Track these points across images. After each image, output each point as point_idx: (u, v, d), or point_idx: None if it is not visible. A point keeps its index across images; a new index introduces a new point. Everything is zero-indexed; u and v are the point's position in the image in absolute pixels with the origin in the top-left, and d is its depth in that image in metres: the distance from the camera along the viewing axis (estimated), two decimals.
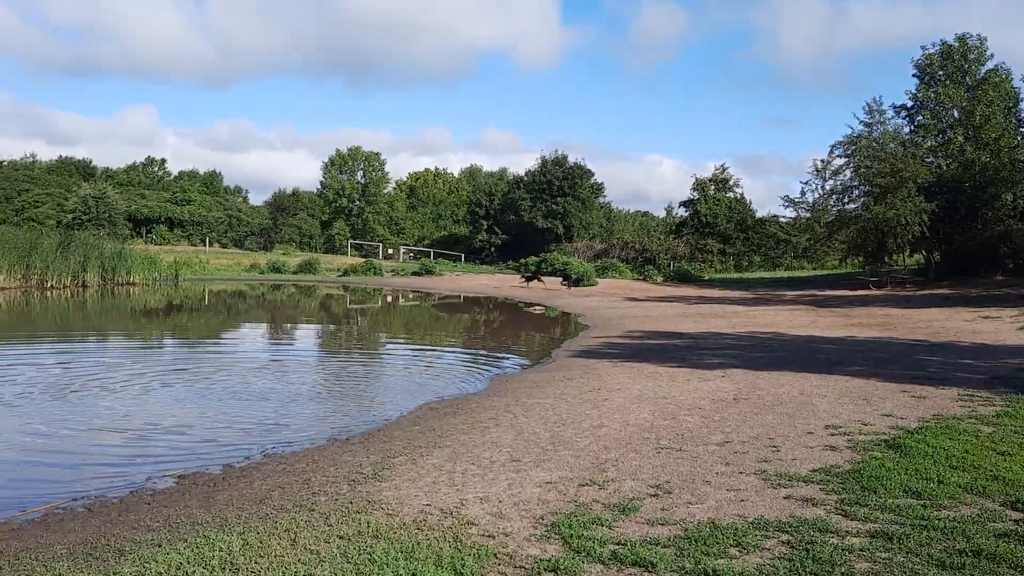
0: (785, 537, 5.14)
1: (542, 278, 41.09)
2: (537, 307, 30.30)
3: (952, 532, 5.15)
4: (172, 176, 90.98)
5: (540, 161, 65.37)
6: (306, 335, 22.86)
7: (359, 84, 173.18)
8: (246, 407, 10.89)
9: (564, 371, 14.17)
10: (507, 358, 17.03)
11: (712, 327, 21.65)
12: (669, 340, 18.61)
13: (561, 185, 63.31)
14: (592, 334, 21.08)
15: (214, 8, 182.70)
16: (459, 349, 19.40)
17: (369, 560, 4.74)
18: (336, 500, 6.13)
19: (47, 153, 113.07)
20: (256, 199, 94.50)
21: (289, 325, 25.49)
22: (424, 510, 5.81)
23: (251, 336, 22.10)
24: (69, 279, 34.61)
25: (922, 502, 5.83)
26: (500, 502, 6.02)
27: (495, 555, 4.87)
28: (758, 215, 63.87)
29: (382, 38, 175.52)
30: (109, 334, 21.59)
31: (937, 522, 5.34)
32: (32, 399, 11.14)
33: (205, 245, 61.92)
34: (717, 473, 6.77)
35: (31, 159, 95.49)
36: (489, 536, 5.25)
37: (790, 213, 44.13)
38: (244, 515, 5.81)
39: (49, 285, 33.36)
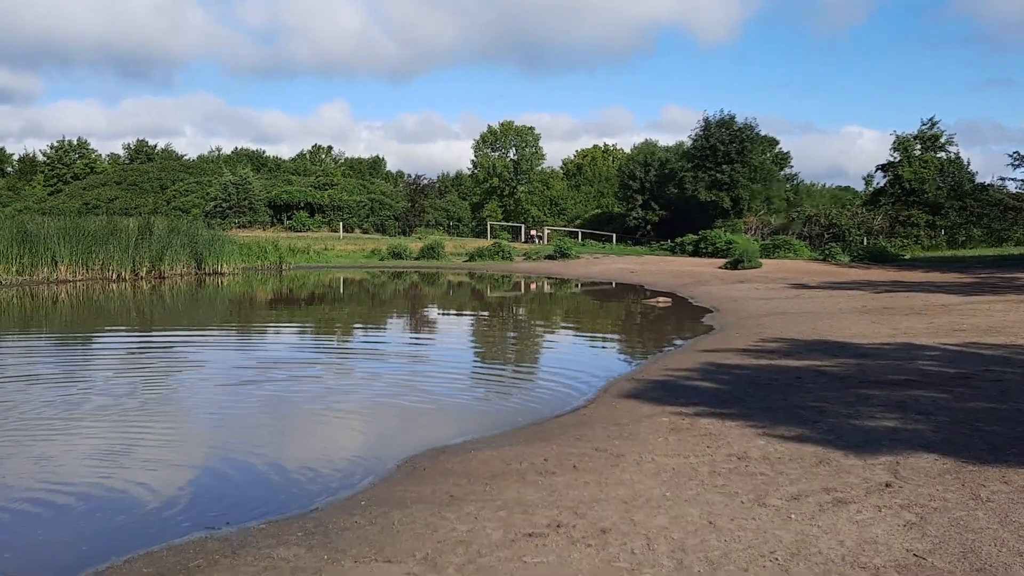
0: None
1: None
2: (663, 299, 23.02)
3: None
4: (339, 162, 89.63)
5: (703, 123, 55.25)
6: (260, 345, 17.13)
7: (536, 68, 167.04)
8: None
9: (569, 442, 7.32)
10: (530, 394, 10.32)
11: (901, 331, 13.77)
12: (818, 359, 11.13)
13: (728, 151, 53.44)
14: (704, 343, 13.87)
15: (391, 2, 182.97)
16: (481, 369, 12.84)
17: None
18: None
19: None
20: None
21: (308, 332, 19.87)
22: None
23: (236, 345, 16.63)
24: (145, 270, 31.13)
25: None
26: None
27: None
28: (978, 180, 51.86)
29: (556, 20, 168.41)
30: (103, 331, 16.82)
31: None
32: None
33: (340, 231, 58.35)
34: None
35: (216, 152, 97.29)
36: None
37: (1022, 175, 33.40)
38: None
39: (115, 277, 29.91)
